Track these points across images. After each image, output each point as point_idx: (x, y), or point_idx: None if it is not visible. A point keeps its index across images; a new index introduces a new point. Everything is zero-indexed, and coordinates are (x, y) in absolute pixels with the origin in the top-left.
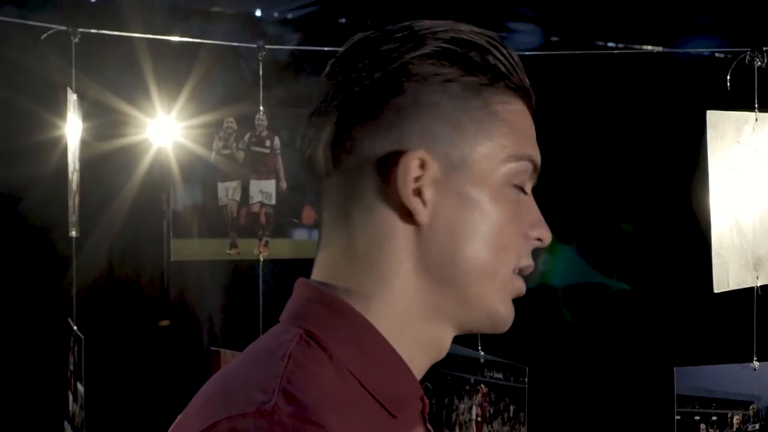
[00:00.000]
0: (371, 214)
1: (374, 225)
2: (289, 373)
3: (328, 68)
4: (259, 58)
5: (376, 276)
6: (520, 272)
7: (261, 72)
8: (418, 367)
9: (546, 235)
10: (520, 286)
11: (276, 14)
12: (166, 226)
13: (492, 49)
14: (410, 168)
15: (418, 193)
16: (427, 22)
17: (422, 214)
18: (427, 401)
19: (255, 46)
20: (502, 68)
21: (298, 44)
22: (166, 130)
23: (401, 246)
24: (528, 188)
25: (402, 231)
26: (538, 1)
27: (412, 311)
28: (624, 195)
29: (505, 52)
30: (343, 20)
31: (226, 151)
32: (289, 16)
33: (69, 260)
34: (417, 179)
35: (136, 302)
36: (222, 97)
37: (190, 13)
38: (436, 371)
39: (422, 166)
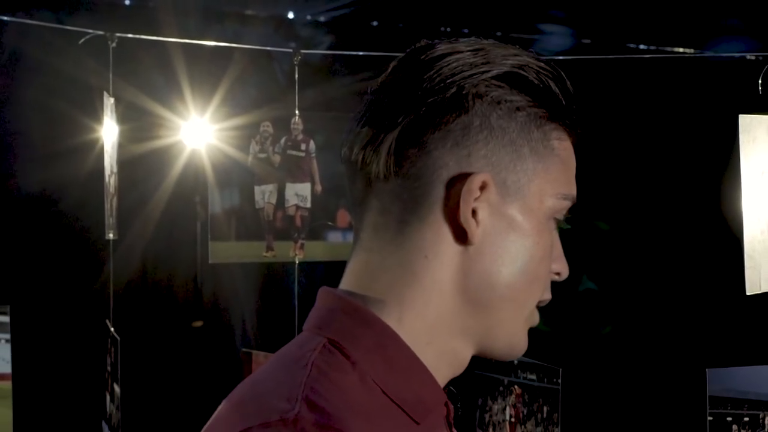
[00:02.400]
0: (425, 225)
1: (424, 237)
2: (312, 381)
3: (390, 70)
4: (295, 62)
5: (417, 287)
6: (538, 304)
7: (297, 76)
8: (441, 378)
9: (564, 270)
10: (537, 319)
11: (308, 17)
12: (200, 228)
13: (556, 84)
14: (473, 189)
15: (473, 213)
16: (493, 43)
17: (475, 235)
18: (451, 406)
19: (290, 50)
20: (563, 105)
21: (330, 47)
22: (200, 132)
23: (446, 262)
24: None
25: (450, 248)
26: (570, 4)
27: (442, 326)
28: (656, 198)
29: (568, 88)
30: (375, 23)
31: (263, 155)
32: (322, 19)
33: (106, 262)
34: (475, 200)
35: (171, 304)
36: (255, 100)
37: (224, 17)
38: (469, 372)
39: (482, 188)
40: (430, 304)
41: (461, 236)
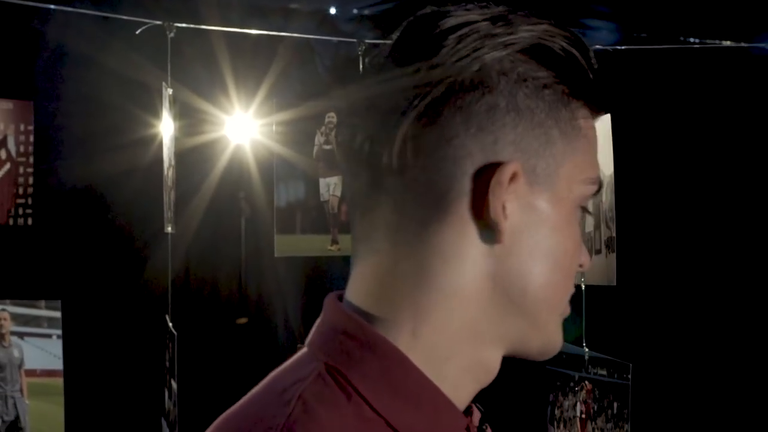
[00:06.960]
0: (445, 224)
1: (444, 238)
2: (292, 421)
3: (395, 44)
4: (359, 52)
5: (435, 292)
6: None
7: (362, 66)
8: (465, 394)
9: (587, 262)
10: (569, 311)
11: (355, 11)
12: (245, 223)
13: (582, 56)
14: (504, 181)
15: (502, 207)
16: (508, 9)
17: (505, 232)
18: (474, 427)
19: (354, 40)
20: (590, 80)
21: None
22: (250, 126)
23: (470, 262)
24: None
25: (474, 249)
26: None
27: (466, 335)
28: (708, 192)
29: (592, 62)
30: None
31: (328, 146)
32: (366, 12)
33: (162, 256)
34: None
35: (227, 299)
36: (315, 92)
37: (267, 11)
38: (540, 367)
39: (511, 179)
40: (450, 314)
41: (488, 235)
